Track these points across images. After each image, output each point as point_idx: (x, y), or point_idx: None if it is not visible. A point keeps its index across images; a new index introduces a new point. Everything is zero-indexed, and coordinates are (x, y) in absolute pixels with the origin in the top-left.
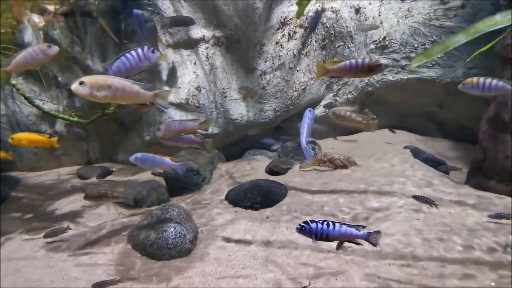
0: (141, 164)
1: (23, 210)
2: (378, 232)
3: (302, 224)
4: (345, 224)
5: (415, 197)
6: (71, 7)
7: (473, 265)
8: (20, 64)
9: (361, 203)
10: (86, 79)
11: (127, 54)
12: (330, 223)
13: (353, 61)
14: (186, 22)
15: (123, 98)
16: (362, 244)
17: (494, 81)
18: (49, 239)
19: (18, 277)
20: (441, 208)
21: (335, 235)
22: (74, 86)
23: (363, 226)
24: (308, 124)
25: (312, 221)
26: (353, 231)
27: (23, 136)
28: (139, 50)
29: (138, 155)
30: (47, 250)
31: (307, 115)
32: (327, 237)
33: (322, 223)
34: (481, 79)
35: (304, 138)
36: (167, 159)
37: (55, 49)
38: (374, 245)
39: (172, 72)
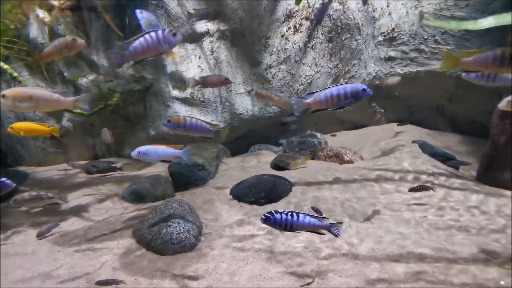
0: (144, 158)
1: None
2: (339, 223)
3: (267, 214)
4: (308, 215)
5: (412, 189)
6: (76, 2)
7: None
8: (50, 53)
9: (367, 198)
10: (7, 92)
11: (146, 35)
12: (294, 213)
13: (497, 51)
14: (216, 15)
15: (45, 106)
16: (324, 234)
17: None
18: (42, 237)
19: (26, 270)
20: (446, 200)
21: (299, 226)
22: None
23: (326, 218)
24: (328, 90)
25: (276, 211)
26: (316, 221)
27: (22, 126)
28: (159, 32)
29: (140, 149)
30: (54, 244)
31: (344, 86)
32: (291, 228)
33: (287, 214)
34: None
35: (309, 96)
36: (170, 149)
37: (80, 42)
38: (336, 235)
39: (177, 66)
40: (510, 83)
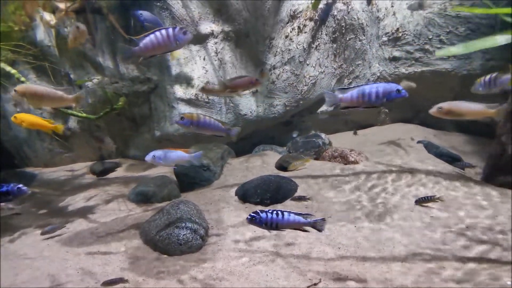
0: (158, 162)
1: (38, 206)
2: (323, 220)
3: (252, 214)
4: (293, 212)
5: (418, 201)
6: (81, 4)
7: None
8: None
9: (373, 199)
10: (18, 88)
11: (157, 32)
12: (279, 212)
13: None
14: None
15: (49, 102)
16: (308, 231)
17: (494, 76)
18: (46, 235)
19: (35, 270)
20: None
21: (284, 224)
22: (12, 94)
23: (310, 214)
24: (360, 88)
25: (262, 211)
26: (301, 219)
27: (26, 117)
28: (170, 29)
29: (155, 153)
30: (62, 244)
31: (377, 85)
32: (276, 226)
33: (272, 213)
34: (487, 77)
35: (341, 91)
36: (182, 153)
37: (82, 28)
38: (320, 231)
39: (181, 68)
40: (507, 86)
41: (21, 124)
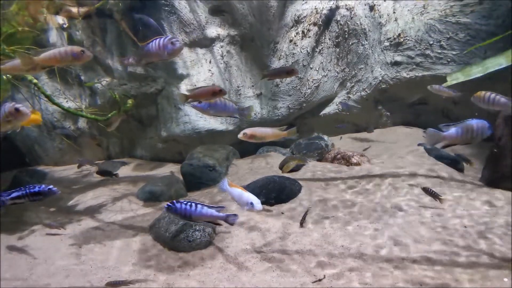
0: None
1: (49, 203)
2: (235, 215)
3: (169, 204)
4: (206, 206)
5: (424, 189)
6: (93, 10)
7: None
8: (49, 60)
9: (374, 200)
10: None
11: (152, 42)
12: (193, 204)
13: None
14: None
15: None
16: (221, 225)
17: (498, 97)
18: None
19: (49, 265)
20: (448, 202)
21: (197, 215)
22: None
23: (223, 207)
24: (464, 125)
25: (178, 201)
26: (214, 212)
27: None
28: (162, 39)
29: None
30: (75, 240)
31: (477, 121)
32: (190, 217)
33: (186, 204)
34: (487, 94)
35: (446, 128)
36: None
37: (87, 55)
38: (231, 224)
39: (188, 70)
40: (506, 107)
41: None
